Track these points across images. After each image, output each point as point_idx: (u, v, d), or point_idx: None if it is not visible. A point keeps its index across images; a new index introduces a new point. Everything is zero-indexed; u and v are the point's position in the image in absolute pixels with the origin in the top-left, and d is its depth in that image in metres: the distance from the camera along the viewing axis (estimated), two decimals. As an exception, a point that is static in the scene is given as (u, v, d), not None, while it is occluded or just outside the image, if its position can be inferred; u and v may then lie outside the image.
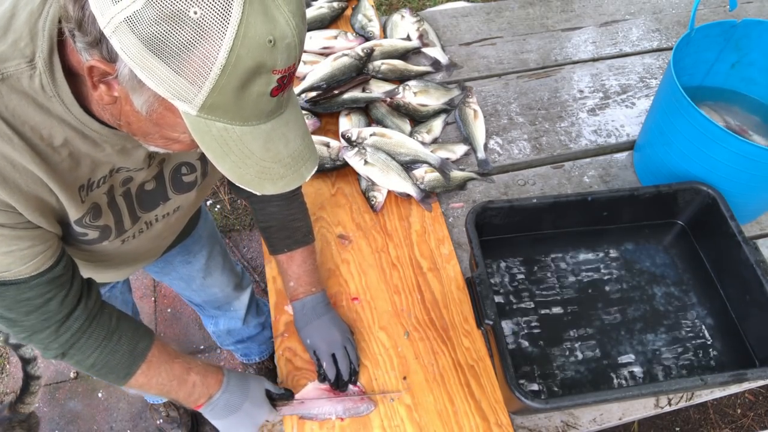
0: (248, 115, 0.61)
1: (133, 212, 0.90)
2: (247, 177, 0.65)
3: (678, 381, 1.05)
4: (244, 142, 0.63)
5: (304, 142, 0.70)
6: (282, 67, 0.59)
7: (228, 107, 0.59)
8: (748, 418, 1.96)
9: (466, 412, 1.11)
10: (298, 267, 1.16)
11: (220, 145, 0.62)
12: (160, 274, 1.39)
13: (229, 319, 1.64)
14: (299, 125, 0.69)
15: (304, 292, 1.16)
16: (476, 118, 1.57)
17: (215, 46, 0.54)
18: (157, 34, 0.53)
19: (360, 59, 1.61)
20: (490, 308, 1.03)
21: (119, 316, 0.91)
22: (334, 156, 1.44)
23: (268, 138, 0.64)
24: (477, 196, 1.45)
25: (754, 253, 1.15)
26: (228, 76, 0.56)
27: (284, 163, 0.67)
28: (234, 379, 1.02)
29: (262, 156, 0.65)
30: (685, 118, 1.23)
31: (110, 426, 1.93)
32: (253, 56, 0.55)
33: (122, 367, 0.89)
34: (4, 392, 2.00)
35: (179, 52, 0.54)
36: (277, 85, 0.60)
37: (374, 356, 1.18)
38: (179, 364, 0.96)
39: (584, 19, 1.90)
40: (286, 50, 0.58)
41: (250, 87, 0.58)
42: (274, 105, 0.62)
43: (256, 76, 0.57)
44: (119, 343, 0.88)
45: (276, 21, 0.56)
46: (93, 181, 0.79)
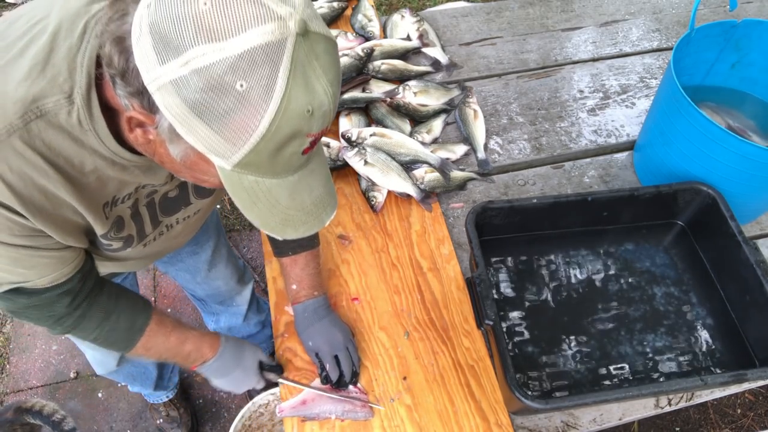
0: (279, 171, 0.64)
1: (155, 218, 0.92)
2: (272, 224, 0.68)
3: (678, 381, 1.05)
4: (273, 193, 0.65)
5: (326, 189, 0.72)
6: (316, 132, 0.61)
7: (262, 165, 0.62)
8: (748, 418, 1.96)
9: (466, 412, 1.11)
10: (301, 270, 1.16)
11: (250, 195, 0.64)
12: (166, 265, 1.41)
13: (230, 315, 1.64)
14: (323, 172, 0.72)
15: (306, 296, 1.17)
16: (476, 118, 1.57)
17: (257, 116, 0.56)
18: (202, 100, 0.56)
19: (360, 59, 1.60)
20: (490, 308, 1.03)
21: (118, 294, 0.95)
22: (334, 156, 1.44)
23: (294, 188, 0.67)
24: (477, 196, 1.45)
25: (754, 253, 1.15)
26: (266, 142, 0.58)
27: (307, 211, 0.70)
28: (230, 348, 1.11)
29: (287, 205, 0.67)
30: (685, 118, 1.23)
31: (110, 426, 1.93)
32: (291, 125, 0.58)
33: (122, 342, 0.97)
34: (4, 392, 2.00)
35: (222, 117, 0.57)
36: (309, 146, 0.62)
37: (374, 356, 1.18)
38: (176, 336, 1.03)
39: (584, 19, 1.90)
40: (322, 117, 0.60)
41: (285, 149, 0.60)
42: (303, 161, 0.65)
43: (292, 140, 0.60)
44: (118, 321, 0.94)
45: (315, 91, 0.58)
46: (118, 198, 0.82)
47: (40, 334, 2.12)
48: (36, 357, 2.07)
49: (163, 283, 2.24)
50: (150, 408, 1.91)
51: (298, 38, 0.56)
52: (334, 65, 0.61)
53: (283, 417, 1.11)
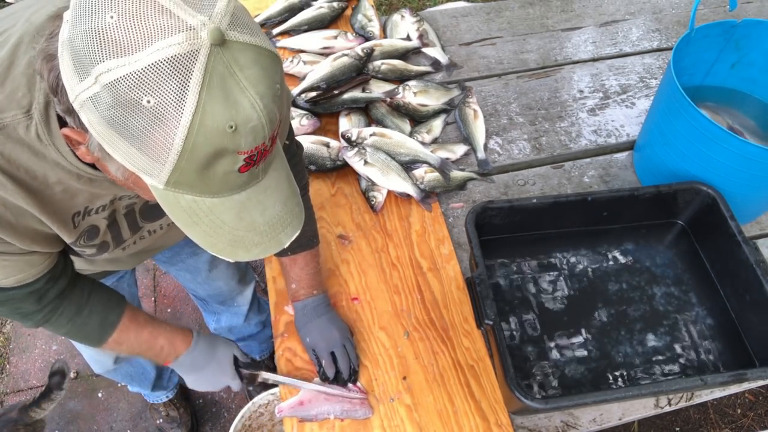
0: (217, 190, 0.60)
1: (134, 224, 0.92)
2: (219, 245, 0.64)
3: (678, 381, 1.05)
4: (215, 213, 0.61)
5: (285, 208, 0.67)
6: (247, 149, 0.56)
7: (193, 184, 0.58)
8: (748, 418, 1.96)
9: (466, 412, 1.11)
10: (300, 270, 1.16)
11: (190, 215, 0.61)
12: (167, 264, 1.41)
13: (231, 315, 1.64)
14: (280, 190, 0.67)
15: (305, 294, 1.17)
16: (476, 118, 1.57)
17: (171, 133, 0.53)
18: (116, 117, 0.53)
19: (360, 59, 1.60)
20: (490, 308, 1.03)
21: (91, 289, 0.94)
22: (334, 156, 1.44)
23: (241, 208, 0.62)
24: (477, 196, 1.45)
25: (754, 253, 1.15)
26: (187, 161, 0.55)
27: (259, 231, 0.65)
28: (202, 343, 1.10)
29: (234, 225, 0.63)
30: (685, 118, 1.23)
31: (110, 426, 1.93)
32: (211, 143, 0.54)
33: (94, 336, 0.97)
34: (4, 392, 2.00)
35: (139, 135, 0.54)
36: (244, 164, 0.58)
37: (374, 356, 1.18)
38: (148, 331, 1.03)
39: (584, 19, 1.90)
40: (251, 133, 0.56)
41: (214, 168, 0.56)
42: (245, 179, 0.60)
43: (218, 158, 0.56)
44: (89, 317, 0.93)
45: (238, 105, 0.54)
46: (91, 209, 0.80)
47: (40, 334, 2.12)
48: (36, 357, 2.07)
49: (163, 283, 2.24)
50: (150, 408, 1.91)
51: (214, 49, 0.53)
52: (267, 76, 0.56)
53: (282, 417, 1.11)
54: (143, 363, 1.62)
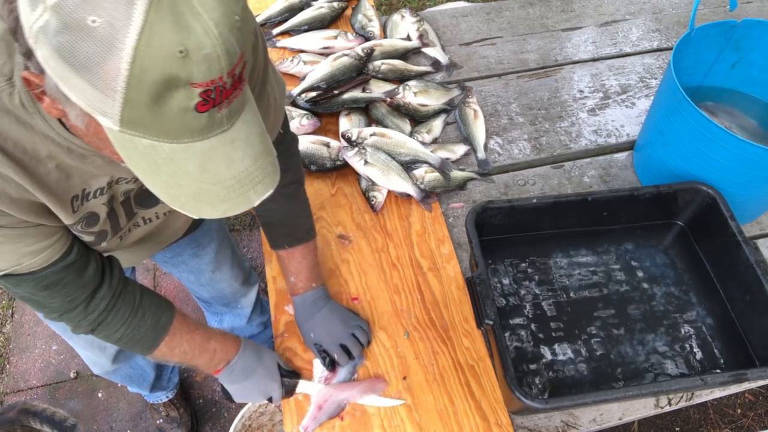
0: (175, 132, 0.56)
1: (130, 210, 0.90)
2: (182, 199, 0.60)
3: (678, 381, 1.05)
4: (176, 161, 0.57)
5: (256, 163, 0.63)
6: (201, 80, 0.53)
7: (147, 123, 0.54)
8: (748, 418, 1.96)
9: (466, 412, 1.11)
10: (298, 263, 1.16)
11: (149, 163, 0.57)
12: (168, 265, 1.40)
13: (234, 316, 1.64)
14: (251, 145, 0.62)
15: (303, 288, 1.17)
16: (476, 118, 1.57)
17: (117, 57, 0.49)
18: (65, 44, 0.50)
19: (360, 59, 1.60)
20: (490, 308, 1.03)
21: (142, 291, 0.94)
22: (334, 156, 1.44)
23: (205, 157, 0.58)
24: (477, 196, 1.45)
25: (754, 253, 1.15)
26: (135, 90, 0.51)
27: (226, 185, 0.61)
28: (250, 346, 1.09)
29: (197, 177, 0.59)
30: (685, 118, 1.23)
31: (110, 426, 1.93)
32: (160, 68, 0.50)
33: (147, 340, 0.94)
34: (4, 392, 2.00)
35: (89, 63, 0.50)
36: (201, 100, 0.54)
37: (374, 356, 1.18)
38: (200, 333, 1.01)
39: (584, 19, 1.90)
40: (205, 62, 0.52)
41: (167, 102, 0.53)
42: (205, 122, 0.56)
43: (170, 90, 0.52)
44: (143, 319, 0.92)
45: (190, 30, 0.51)
46: (89, 192, 0.78)
47: (40, 334, 2.12)
48: (36, 357, 2.07)
49: (164, 284, 2.24)
50: (150, 408, 1.92)
51: None
52: (223, 3, 0.53)
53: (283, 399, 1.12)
54: (142, 364, 1.61)
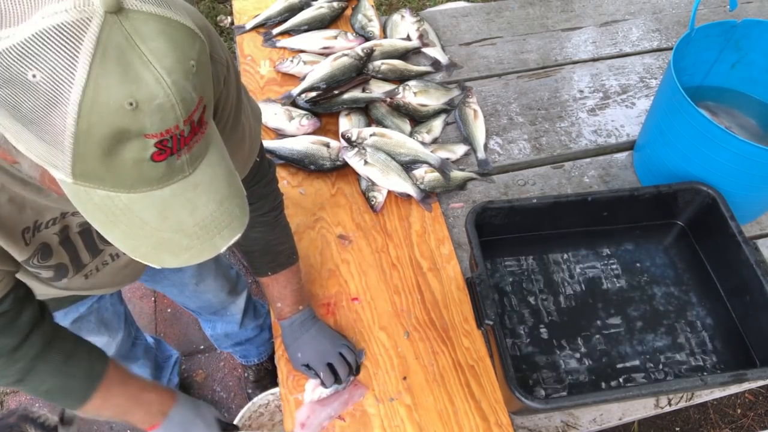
0: (132, 183, 0.53)
1: (93, 246, 0.86)
2: (142, 249, 0.57)
3: (678, 381, 1.05)
4: (134, 211, 0.55)
5: (221, 208, 0.59)
6: (155, 132, 0.50)
7: (101, 176, 0.51)
8: (748, 418, 1.96)
9: (466, 412, 1.11)
10: (283, 288, 1.14)
11: (106, 214, 0.54)
12: (150, 282, 1.37)
13: (226, 323, 1.63)
14: (216, 189, 0.59)
15: (290, 311, 1.15)
16: (476, 118, 1.57)
17: (62, 113, 0.47)
18: (8, 98, 0.48)
19: (360, 59, 1.60)
20: (490, 308, 1.03)
21: (75, 339, 0.89)
22: (334, 156, 1.44)
23: (165, 206, 0.55)
24: (477, 196, 1.45)
25: (754, 253, 1.15)
26: (84, 145, 0.49)
27: (188, 233, 0.57)
28: (185, 398, 1.02)
29: (157, 226, 0.56)
30: (685, 118, 1.23)
31: (110, 426, 1.93)
32: (108, 123, 0.48)
33: (80, 390, 0.88)
34: (4, 392, 2.00)
35: (34, 118, 0.48)
36: (157, 150, 0.51)
37: (374, 356, 1.18)
38: (135, 384, 0.95)
39: (584, 19, 1.90)
40: (158, 112, 0.49)
41: (119, 154, 0.50)
42: (163, 170, 0.53)
43: (121, 143, 0.49)
44: (77, 366, 0.86)
45: (140, 80, 0.48)
46: (41, 223, 0.75)
47: (40, 334, 2.11)
48: (36, 357, 2.07)
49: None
50: (150, 408, 1.91)
51: (109, 17, 0.47)
52: (176, 50, 0.50)
53: None
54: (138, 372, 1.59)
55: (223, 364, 2.06)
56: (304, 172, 1.46)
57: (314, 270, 1.29)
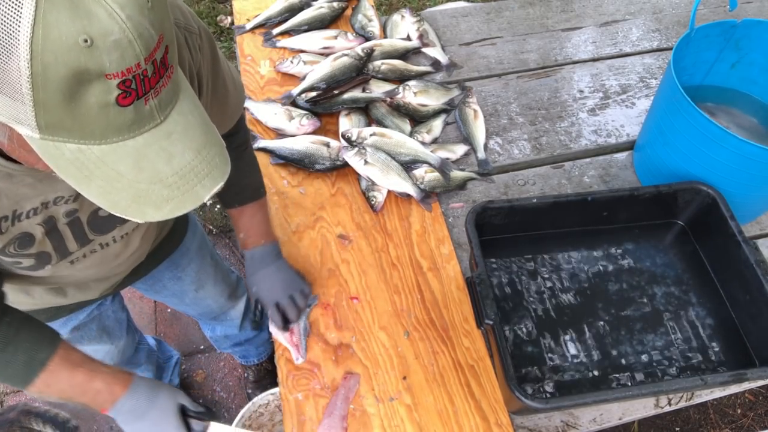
0: (101, 132, 0.51)
1: (83, 236, 0.86)
2: (122, 203, 0.56)
3: (678, 381, 1.05)
4: (108, 163, 0.53)
5: (199, 156, 0.58)
6: (115, 70, 0.48)
7: (68, 125, 0.50)
8: (748, 418, 1.96)
9: (466, 412, 1.11)
10: (248, 219, 1.17)
11: (79, 169, 0.53)
12: (151, 292, 1.37)
13: (225, 326, 1.63)
14: (191, 137, 0.57)
15: (253, 243, 1.18)
16: (476, 118, 1.57)
17: (14, 56, 0.45)
18: None
19: (360, 59, 1.60)
20: (490, 308, 1.03)
21: (20, 326, 0.87)
22: (334, 156, 1.44)
23: (139, 156, 0.54)
24: (477, 196, 1.45)
25: (754, 253, 1.15)
26: (43, 89, 0.47)
27: (167, 184, 0.56)
28: (143, 386, 0.98)
29: (134, 177, 0.54)
30: (685, 118, 1.23)
31: (110, 426, 1.93)
32: (64, 62, 0.46)
33: (19, 377, 0.87)
34: (4, 392, 2.00)
35: None
36: (121, 92, 0.49)
37: (374, 356, 1.18)
38: (83, 372, 0.92)
39: (584, 19, 1.90)
40: (116, 49, 0.47)
41: (82, 99, 0.49)
42: (132, 116, 0.52)
43: (82, 85, 0.48)
44: (15, 354, 0.85)
45: (92, 15, 0.46)
46: (20, 213, 0.75)
47: (40, 334, 2.11)
48: (36, 357, 2.07)
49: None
50: (150, 408, 1.91)
51: None
52: None
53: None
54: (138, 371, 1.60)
55: (223, 364, 2.06)
56: (304, 171, 1.46)
57: (314, 270, 1.29)
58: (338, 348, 1.19)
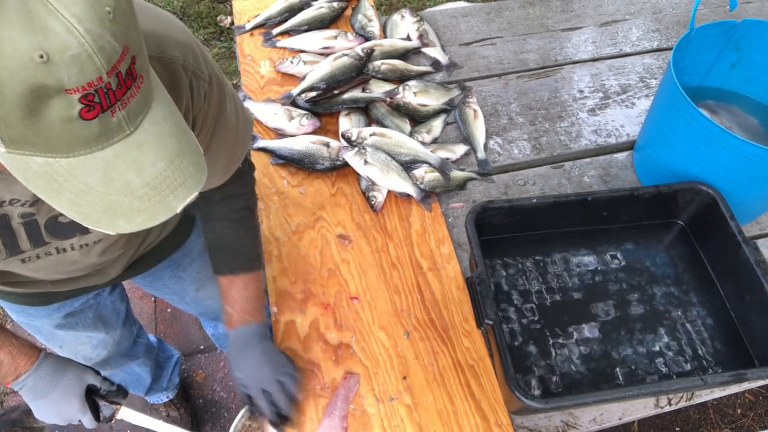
0: (67, 146, 0.51)
1: (38, 238, 0.84)
2: (93, 215, 0.55)
3: (678, 381, 1.05)
4: (76, 176, 0.52)
5: (172, 165, 0.56)
6: (75, 85, 0.47)
7: (32, 140, 0.49)
8: (748, 418, 1.96)
9: (466, 412, 1.11)
10: (237, 293, 1.08)
11: (48, 182, 0.52)
12: (151, 288, 1.36)
13: None
14: (164, 145, 0.56)
15: (238, 321, 1.08)
16: (476, 118, 1.57)
17: None
18: None
19: (360, 59, 1.61)
20: (490, 308, 1.03)
21: None
22: (334, 156, 1.44)
23: (109, 168, 0.53)
24: (477, 196, 1.45)
25: (754, 253, 1.15)
26: (2, 107, 0.47)
27: (138, 195, 0.55)
28: (49, 364, 0.94)
29: (104, 189, 0.54)
30: (685, 118, 1.23)
31: (110, 426, 1.93)
32: (20, 79, 0.45)
33: None
34: (4, 392, 2.00)
35: None
36: (84, 107, 0.48)
37: (374, 356, 1.18)
38: None
39: (584, 19, 1.90)
40: (74, 64, 0.47)
41: (43, 114, 0.48)
42: (98, 129, 0.51)
43: (41, 101, 0.47)
44: None
45: (48, 30, 0.45)
46: None
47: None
48: (36, 357, 2.07)
49: (163, 283, 2.24)
50: (150, 408, 1.91)
51: None
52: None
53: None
54: (137, 370, 1.59)
55: (223, 364, 2.06)
56: (304, 171, 1.46)
57: (314, 270, 1.30)
58: (338, 348, 1.19)
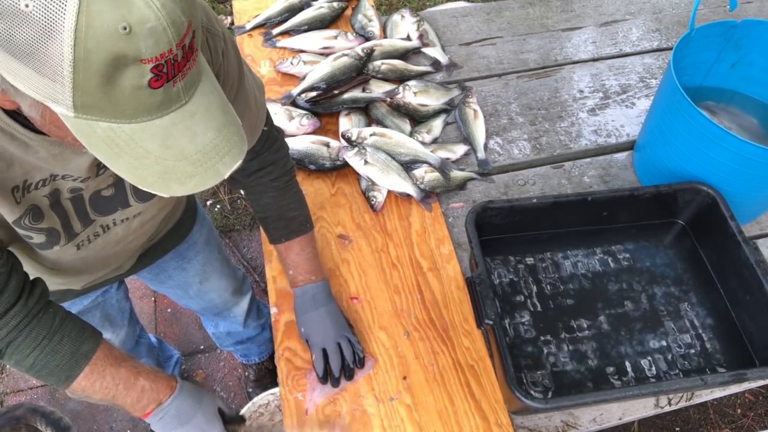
0: (132, 112, 0.55)
1: (85, 215, 0.86)
2: (149, 179, 0.59)
3: (678, 381, 1.05)
4: (137, 141, 0.57)
5: (220, 135, 0.61)
6: (150, 56, 0.51)
7: (102, 106, 0.53)
8: (748, 418, 1.96)
9: (466, 412, 1.11)
10: (296, 255, 1.16)
11: (110, 146, 0.56)
12: (155, 282, 1.37)
13: (229, 323, 1.63)
14: (213, 116, 0.61)
15: (303, 280, 1.17)
16: (476, 118, 1.57)
17: (58, 42, 0.48)
18: (2, 32, 0.49)
19: (360, 59, 1.61)
20: (490, 308, 1.03)
21: (64, 316, 0.86)
22: (334, 156, 1.44)
23: (166, 134, 0.57)
24: (477, 196, 1.45)
25: (754, 253, 1.15)
26: (83, 73, 0.50)
27: (192, 161, 0.59)
28: (187, 388, 0.97)
29: (161, 154, 0.58)
30: (685, 118, 1.23)
31: (110, 426, 1.93)
32: (105, 48, 0.49)
33: (63, 369, 0.84)
34: (4, 392, 2.00)
35: (30, 50, 0.50)
36: (153, 76, 0.53)
37: (374, 356, 1.18)
38: (126, 368, 0.90)
39: (584, 19, 1.90)
40: (151, 36, 0.51)
41: (118, 82, 0.52)
42: (161, 98, 0.55)
43: (119, 69, 0.51)
44: (61, 343, 0.83)
45: (131, 4, 0.49)
46: (30, 183, 0.76)
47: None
48: (36, 357, 2.07)
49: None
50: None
51: None
52: None
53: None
54: None
55: (223, 364, 2.06)
56: (304, 171, 1.46)
57: (314, 270, 1.29)
58: (338, 348, 1.19)
